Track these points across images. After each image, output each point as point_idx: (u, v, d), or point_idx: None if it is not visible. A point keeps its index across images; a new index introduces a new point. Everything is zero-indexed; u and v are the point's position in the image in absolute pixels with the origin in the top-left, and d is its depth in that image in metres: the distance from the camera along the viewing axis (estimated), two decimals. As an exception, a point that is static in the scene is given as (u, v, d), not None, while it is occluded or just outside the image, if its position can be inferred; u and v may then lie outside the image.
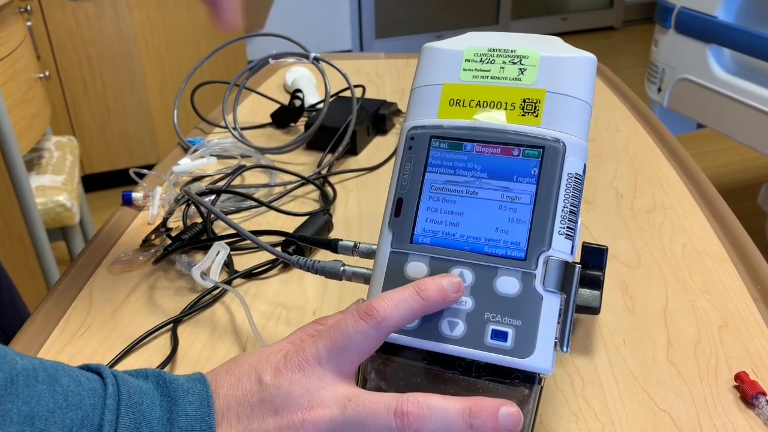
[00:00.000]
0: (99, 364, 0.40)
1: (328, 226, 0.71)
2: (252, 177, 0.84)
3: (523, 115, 0.43)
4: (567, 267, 0.40)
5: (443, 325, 0.41)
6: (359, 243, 0.52)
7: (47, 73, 1.70)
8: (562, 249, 0.41)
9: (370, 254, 0.51)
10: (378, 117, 0.94)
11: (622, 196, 0.77)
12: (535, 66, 0.44)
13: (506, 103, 0.44)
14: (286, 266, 0.66)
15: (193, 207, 0.74)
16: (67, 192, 1.49)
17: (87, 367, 0.39)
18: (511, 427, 0.36)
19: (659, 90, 1.94)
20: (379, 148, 0.91)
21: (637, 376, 0.52)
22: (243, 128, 0.96)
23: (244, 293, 0.62)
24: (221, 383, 0.40)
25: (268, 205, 0.75)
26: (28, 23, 1.68)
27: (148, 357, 0.55)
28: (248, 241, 0.69)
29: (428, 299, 0.39)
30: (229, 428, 0.38)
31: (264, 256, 0.67)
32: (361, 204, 0.78)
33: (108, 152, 2.40)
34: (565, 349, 0.40)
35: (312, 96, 1.05)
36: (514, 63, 0.45)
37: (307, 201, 0.79)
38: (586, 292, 0.51)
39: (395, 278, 0.43)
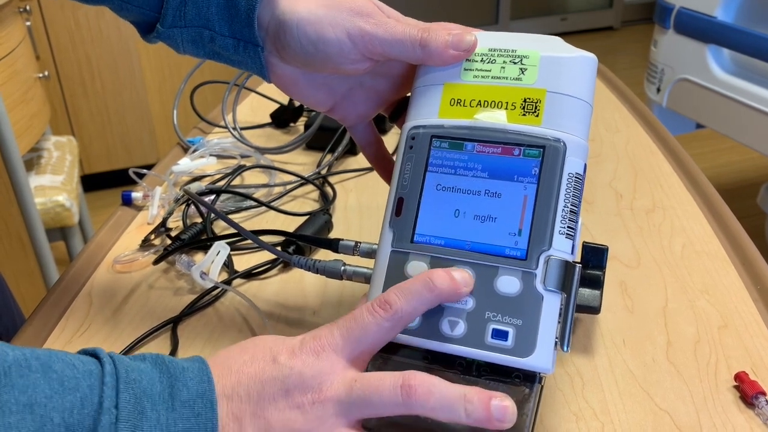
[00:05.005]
0: (95, 347, 0.40)
1: (328, 226, 0.71)
2: (252, 177, 0.84)
3: (524, 114, 0.43)
4: (567, 266, 0.40)
5: (444, 324, 0.41)
6: (360, 242, 0.52)
7: (46, 73, 1.70)
8: (562, 248, 0.41)
9: (370, 254, 0.51)
10: (378, 116, 0.94)
11: (621, 196, 0.77)
12: (535, 66, 0.44)
13: (507, 102, 0.44)
14: (286, 266, 0.66)
15: (192, 207, 0.74)
16: (66, 192, 1.49)
17: (83, 351, 0.40)
18: (501, 418, 0.37)
19: (658, 90, 1.95)
20: (379, 148, 0.91)
21: (636, 375, 0.52)
22: (243, 128, 0.96)
23: (243, 293, 0.62)
24: (234, 360, 0.40)
25: (268, 205, 0.75)
26: (28, 23, 1.67)
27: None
28: (248, 241, 0.69)
29: (440, 289, 0.40)
30: (239, 403, 0.38)
31: (264, 256, 0.67)
32: (361, 204, 0.78)
33: (107, 152, 2.40)
34: (565, 348, 0.40)
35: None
36: (514, 63, 0.45)
37: (306, 201, 0.79)
38: (586, 292, 0.51)
39: (396, 278, 0.43)
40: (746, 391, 0.49)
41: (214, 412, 0.37)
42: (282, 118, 0.98)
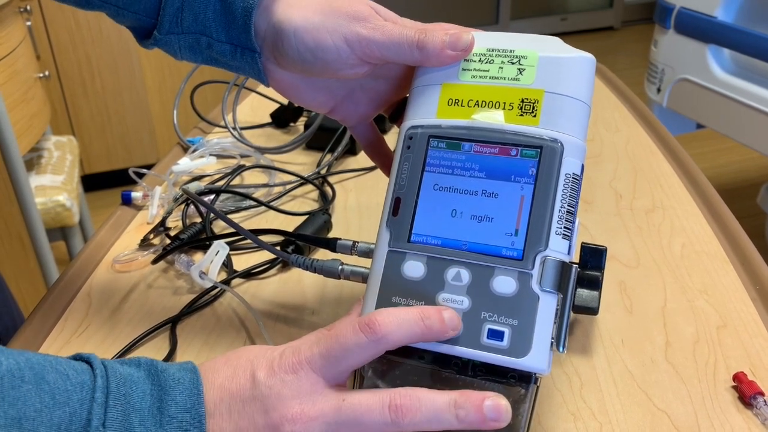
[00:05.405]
0: (90, 353, 0.40)
1: (327, 225, 0.71)
2: (251, 177, 0.84)
3: (521, 115, 0.43)
4: (564, 267, 0.40)
5: (441, 324, 0.41)
6: (357, 242, 0.52)
7: (47, 73, 1.70)
8: (559, 249, 0.41)
9: (368, 253, 0.51)
10: (377, 116, 0.94)
11: (621, 196, 0.77)
12: (533, 66, 0.44)
13: (504, 103, 0.44)
14: (285, 266, 0.66)
15: (192, 207, 0.74)
16: (66, 192, 1.49)
17: (78, 357, 0.40)
18: (495, 417, 0.37)
19: (659, 90, 1.94)
20: (379, 148, 0.91)
21: (635, 376, 0.52)
22: (242, 128, 0.96)
23: (242, 293, 0.62)
24: (218, 374, 0.40)
25: (268, 205, 0.75)
26: (28, 23, 1.68)
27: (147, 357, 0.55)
28: (247, 241, 0.69)
29: (430, 328, 0.39)
30: (221, 421, 0.39)
31: (263, 256, 0.67)
32: (360, 204, 0.78)
33: (107, 152, 2.40)
34: (561, 349, 0.40)
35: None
36: (512, 63, 0.45)
37: (306, 201, 0.79)
38: (584, 293, 0.51)
39: (392, 277, 0.43)
40: (744, 392, 0.49)
41: (202, 428, 0.38)
42: (282, 118, 0.98)
